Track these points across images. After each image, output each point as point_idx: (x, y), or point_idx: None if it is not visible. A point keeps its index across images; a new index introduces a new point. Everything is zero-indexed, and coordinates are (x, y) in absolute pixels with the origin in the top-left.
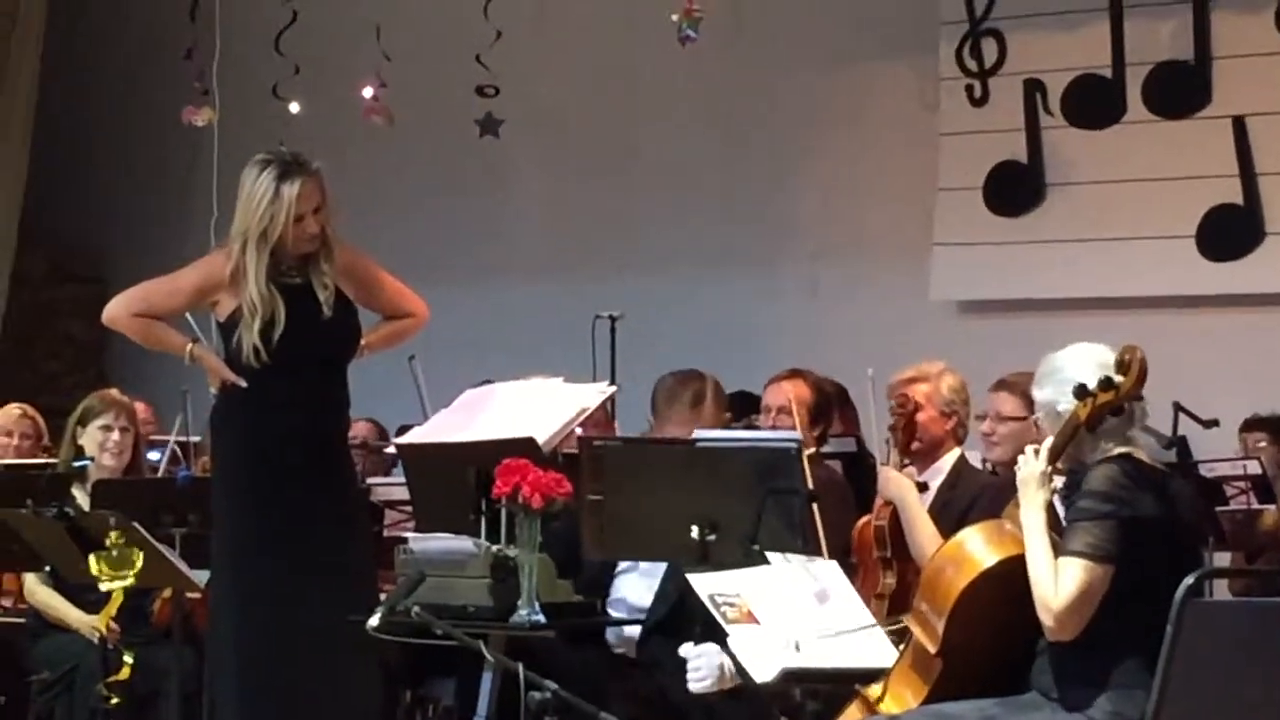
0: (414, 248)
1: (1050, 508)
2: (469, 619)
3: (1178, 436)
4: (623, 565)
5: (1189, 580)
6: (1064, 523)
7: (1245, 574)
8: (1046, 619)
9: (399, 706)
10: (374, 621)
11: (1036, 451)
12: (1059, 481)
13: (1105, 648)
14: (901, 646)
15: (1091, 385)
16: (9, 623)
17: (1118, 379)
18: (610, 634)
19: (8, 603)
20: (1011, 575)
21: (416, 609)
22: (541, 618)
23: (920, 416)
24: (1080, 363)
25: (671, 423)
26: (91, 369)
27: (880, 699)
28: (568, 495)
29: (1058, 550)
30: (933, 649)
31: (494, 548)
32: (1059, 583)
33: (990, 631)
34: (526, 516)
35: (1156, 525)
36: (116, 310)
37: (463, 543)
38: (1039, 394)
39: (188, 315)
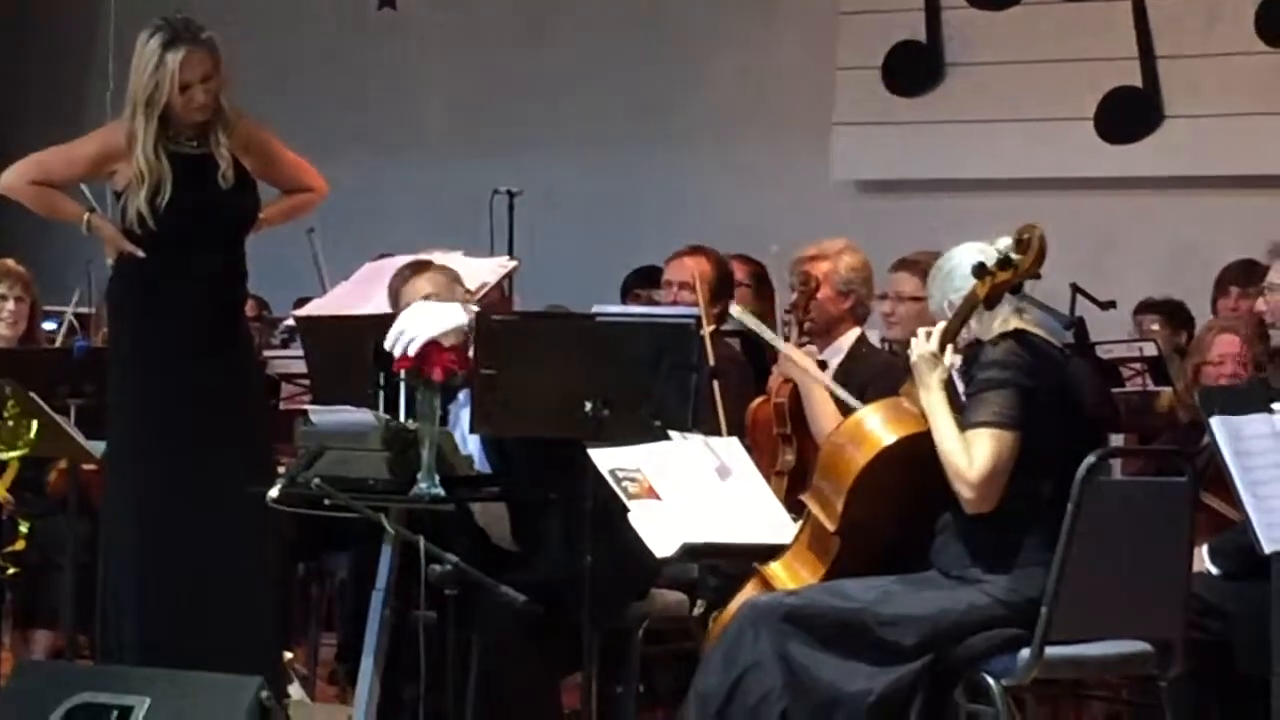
0: (312, 121)
1: (949, 386)
2: (369, 492)
3: (1075, 317)
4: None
5: (1091, 459)
6: (963, 398)
7: (1142, 454)
8: (965, 491)
9: (294, 579)
10: (273, 493)
11: (929, 334)
12: (957, 360)
13: (1006, 525)
14: (799, 524)
15: (990, 264)
16: None
17: (1016, 257)
18: None
19: None
20: (910, 454)
21: (316, 481)
22: (441, 490)
23: (820, 294)
24: (967, 257)
25: None
26: None
27: (777, 577)
28: (466, 369)
29: (962, 426)
30: (831, 527)
31: (392, 421)
32: (972, 455)
33: (889, 510)
34: (427, 389)
35: (1054, 396)
36: (12, 178)
37: (363, 415)
38: (931, 301)
39: (83, 186)
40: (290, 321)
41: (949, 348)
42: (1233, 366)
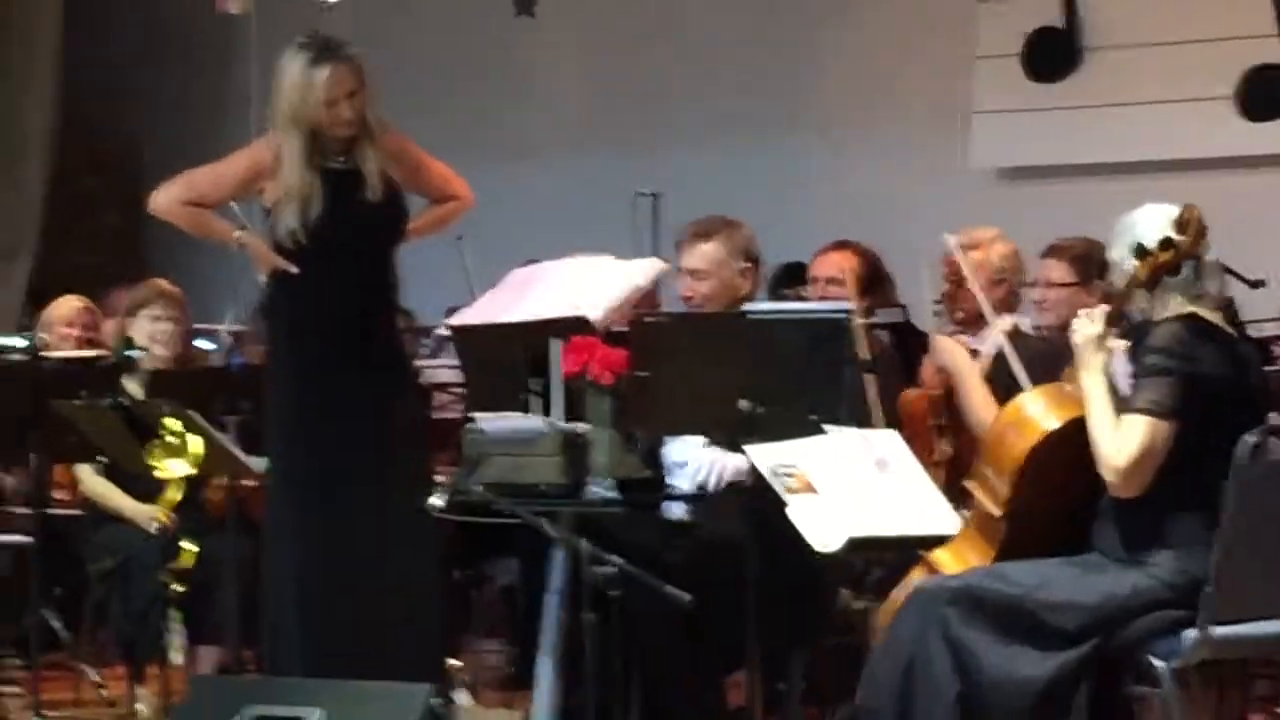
0: (454, 131)
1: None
2: (539, 497)
3: (1225, 298)
4: None
5: (1251, 438)
6: (1128, 380)
7: None
8: (1110, 476)
9: (454, 586)
10: (438, 501)
11: (1091, 315)
12: (1121, 344)
13: (1168, 506)
14: (964, 512)
15: (1151, 245)
16: (64, 515)
17: (1177, 238)
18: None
19: (62, 495)
20: (1074, 437)
21: (481, 487)
22: (615, 494)
23: (964, 285)
24: (1149, 222)
25: None
26: (131, 260)
27: (944, 563)
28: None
29: (1121, 409)
30: (998, 512)
31: (563, 425)
32: (1123, 439)
33: (1053, 494)
34: (596, 393)
35: (1220, 384)
36: (163, 199)
37: (532, 421)
38: (1111, 253)
39: (232, 203)
40: (441, 330)
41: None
42: None
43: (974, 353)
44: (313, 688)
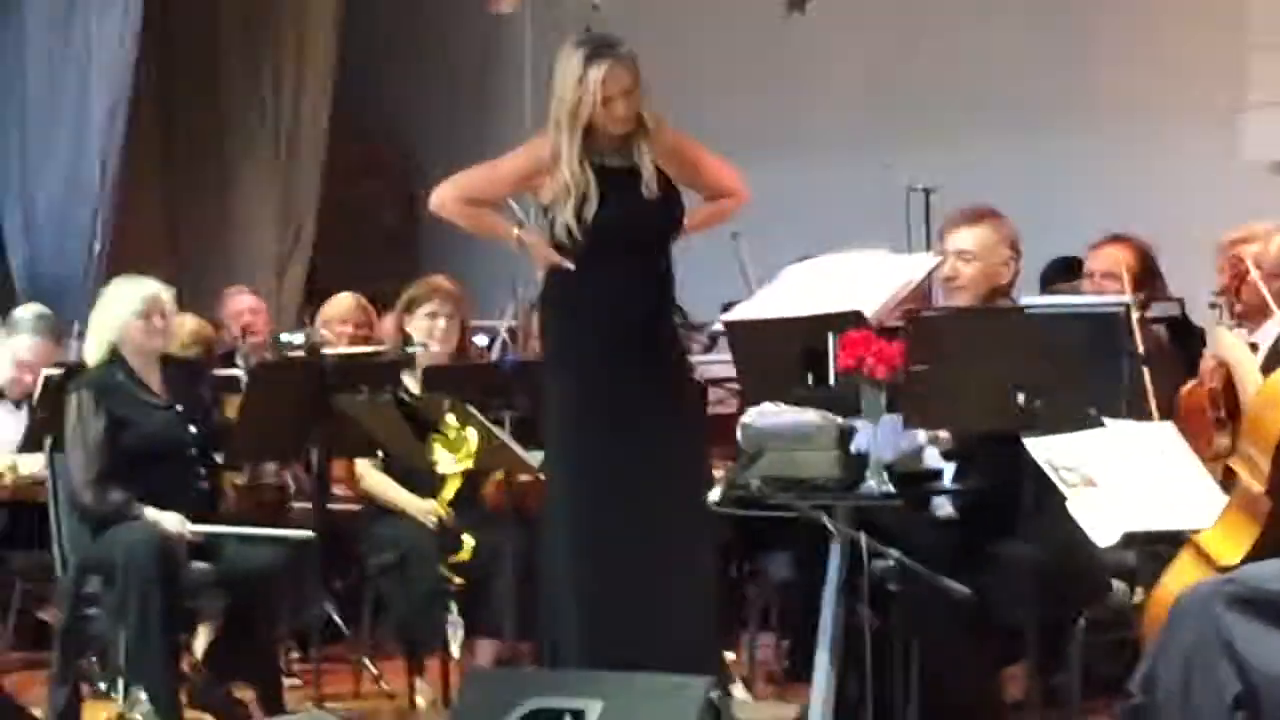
0: (728, 127)
1: None
2: (816, 491)
3: None
4: None
5: None
6: None
7: None
8: None
9: (730, 580)
10: (714, 496)
11: None
12: None
13: None
14: (1231, 493)
15: None
16: (343, 510)
17: None
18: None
19: (341, 491)
20: None
21: (758, 482)
22: (891, 488)
23: (1250, 276)
24: None
25: None
26: (405, 259)
27: (1210, 545)
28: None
29: None
30: (1260, 488)
31: (840, 420)
32: None
33: None
34: (872, 387)
35: None
36: (443, 198)
37: (806, 415)
38: None
39: (510, 201)
40: (716, 326)
41: None
42: None
43: (1253, 347)
44: (591, 679)
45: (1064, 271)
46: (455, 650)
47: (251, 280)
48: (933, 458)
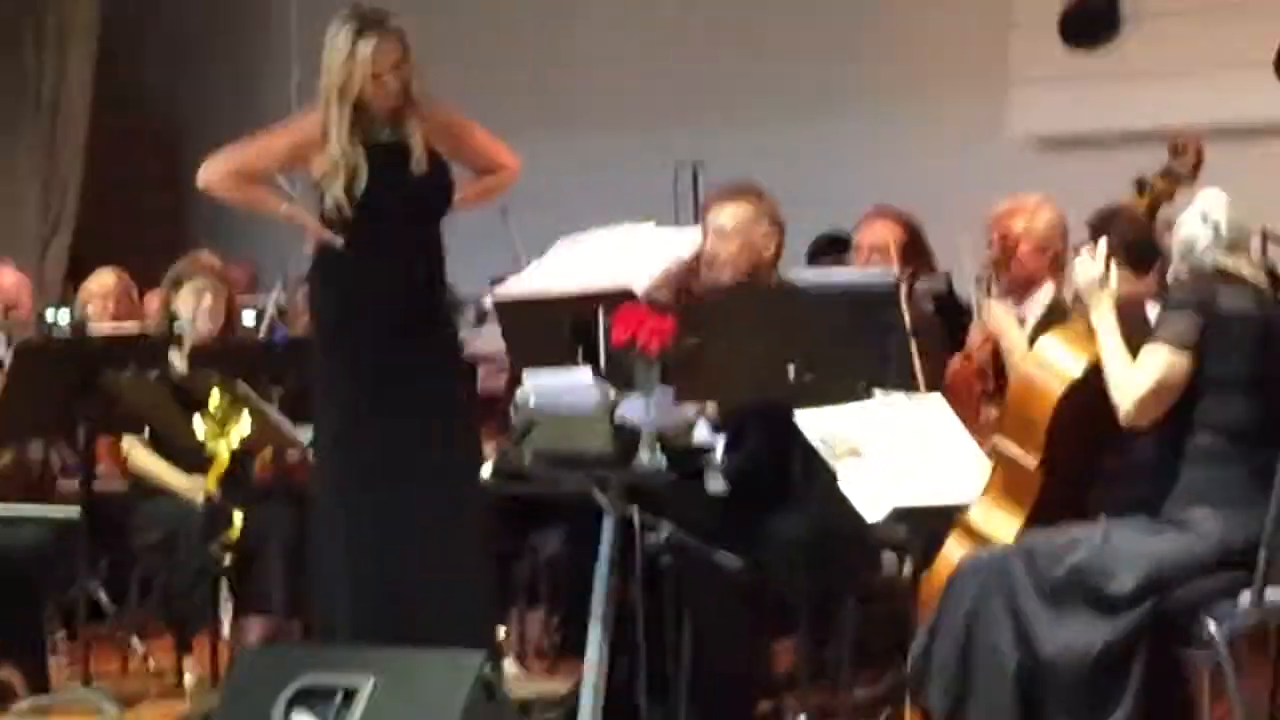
0: (499, 101)
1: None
2: (586, 466)
3: (1268, 263)
4: None
5: None
6: None
7: None
8: (1125, 405)
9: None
10: (486, 470)
11: (1091, 255)
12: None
13: (1212, 464)
14: (992, 470)
15: (1149, 177)
16: (109, 491)
17: (1175, 165)
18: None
19: (106, 469)
20: (1099, 379)
21: (530, 457)
22: (665, 461)
23: (1017, 250)
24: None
25: None
26: (171, 235)
27: (980, 523)
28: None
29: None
30: (1034, 462)
31: (612, 394)
32: (1140, 369)
33: (1086, 440)
34: (645, 363)
35: (1245, 327)
36: (212, 173)
37: (580, 377)
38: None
39: (279, 177)
40: (485, 302)
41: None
42: None
43: (1020, 321)
44: (363, 656)
45: (831, 246)
46: (225, 629)
47: (13, 256)
48: (703, 432)
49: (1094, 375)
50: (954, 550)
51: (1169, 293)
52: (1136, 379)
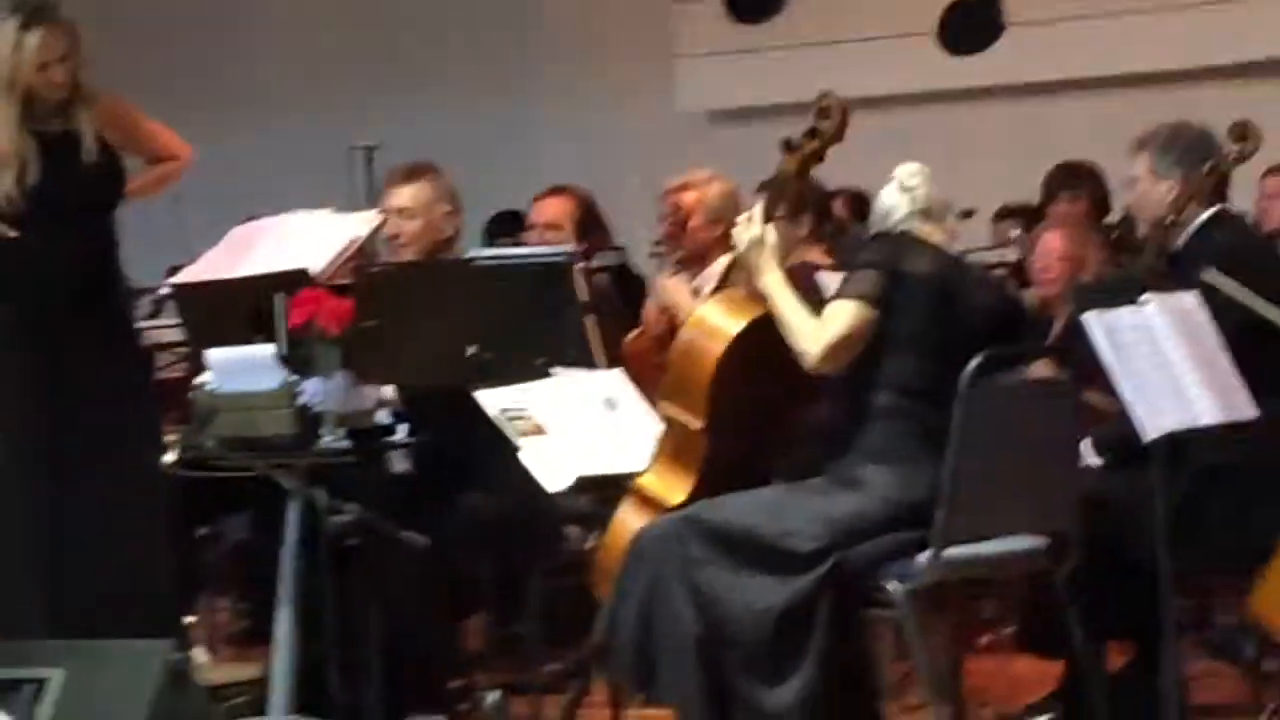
0: (169, 88)
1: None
2: (272, 449)
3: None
4: None
5: (978, 359)
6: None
7: (1024, 354)
8: (810, 357)
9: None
10: (169, 458)
11: (749, 217)
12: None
13: (885, 423)
14: (660, 437)
15: (795, 137)
16: None
17: (821, 125)
18: None
19: None
20: (760, 335)
21: (214, 443)
22: (347, 443)
23: (690, 223)
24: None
25: None
26: None
27: (651, 488)
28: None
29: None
30: (698, 425)
31: (292, 377)
32: (826, 322)
33: (749, 402)
34: (324, 345)
35: (928, 284)
36: None
37: (261, 352)
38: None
39: None
40: (162, 290)
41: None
42: (1059, 268)
43: (695, 292)
44: (50, 649)
45: (507, 224)
46: None
47: None
48: (385, 415)
49: (756, 334)
50: (628, 518)
51: (853, 255)
52: (826, 328)
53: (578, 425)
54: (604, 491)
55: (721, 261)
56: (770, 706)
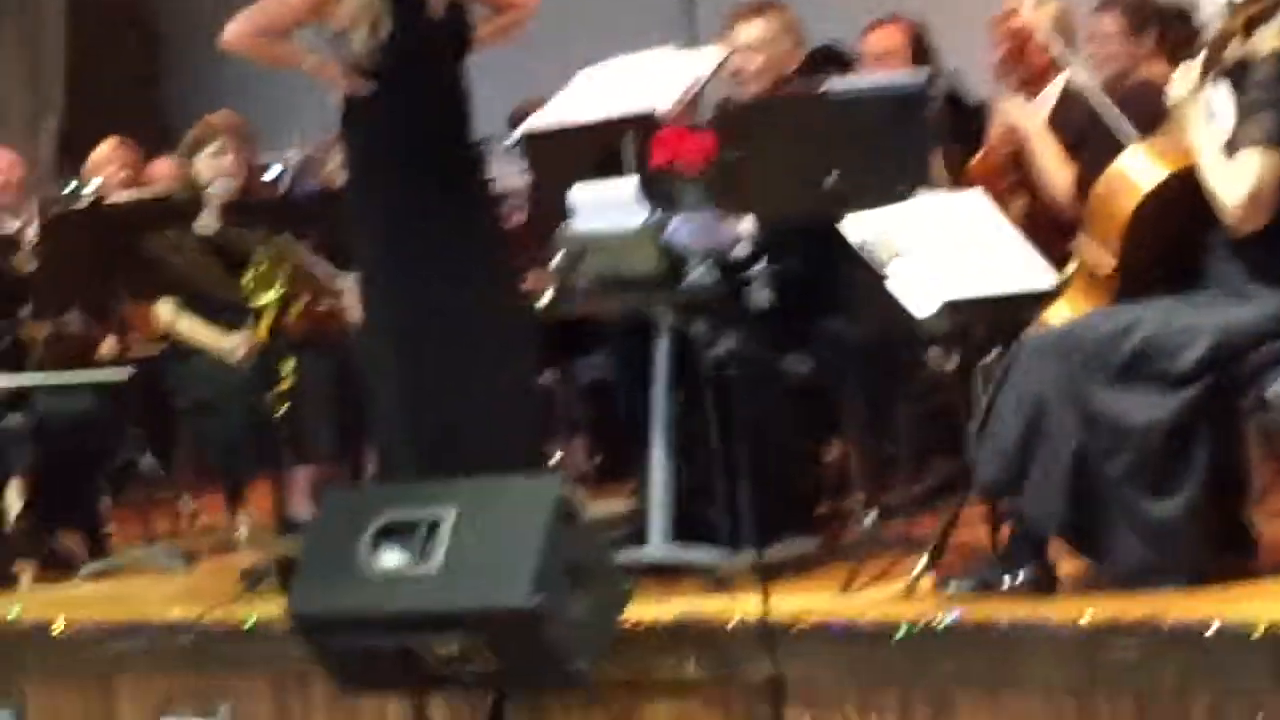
0: None
1: None
2: (639, 287)
3: None
4: None
5: None
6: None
7: None
8: (1229, 218)
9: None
10: (544, 300)
11: (1186, 69)
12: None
13: (1275, 238)
14: (1070, 272)
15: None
16: (143, 356)
17: None
18: None
19: (140, 336)
20: (1179, 188)
21: (585, 284)
22: (718, 274)
23: (1027, 46)
24: None
25: None
26: (149, 105)
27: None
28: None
29: (1231, 148)
30: (1109, 267)
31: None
32: (1235, 177)
33: (1163, 245)
34: (688, 182)
35: None
36: (235, 33)
37: (622, 188)
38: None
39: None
40: (508, 139)
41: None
42: None
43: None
44: (442, 488)
45: (829, 62)
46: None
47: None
48: (745, 248)
49: (1174, 183)
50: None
51: (1247, 86)
52: (1236, 189)
53: (944, 247)
54: (970, 312)
55: (1058, 82)
56: (1156, 516)
